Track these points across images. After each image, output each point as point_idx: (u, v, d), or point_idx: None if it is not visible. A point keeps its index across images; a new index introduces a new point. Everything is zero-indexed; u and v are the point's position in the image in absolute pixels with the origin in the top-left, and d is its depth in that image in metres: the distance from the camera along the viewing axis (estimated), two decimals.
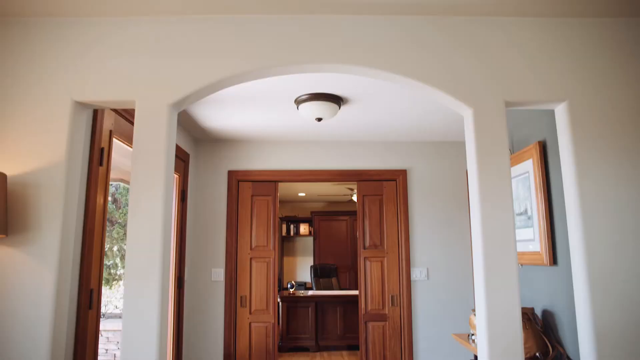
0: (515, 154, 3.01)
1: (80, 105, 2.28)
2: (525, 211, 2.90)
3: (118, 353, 4.24)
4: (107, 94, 2.25)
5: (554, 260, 2.59)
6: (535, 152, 2.75)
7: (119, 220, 5.42)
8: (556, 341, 2.55)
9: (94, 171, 2.58)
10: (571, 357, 2.42)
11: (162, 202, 2.15)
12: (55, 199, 2.13)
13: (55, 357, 2.08)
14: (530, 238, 2.83)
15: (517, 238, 2.92)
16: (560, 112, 2.28)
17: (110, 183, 4.44)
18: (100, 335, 3.45)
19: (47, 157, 2.17)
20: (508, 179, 2.18)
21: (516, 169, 3.00)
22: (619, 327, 2.09)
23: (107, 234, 5.16)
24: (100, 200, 2.68)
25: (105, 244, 2.81)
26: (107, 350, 4.26)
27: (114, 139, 2.89)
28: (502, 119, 2.23)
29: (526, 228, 2.89)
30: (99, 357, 2.93)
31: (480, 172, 2.19)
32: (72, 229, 2.24)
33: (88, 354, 2.56)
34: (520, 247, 2.91)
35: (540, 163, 2.70)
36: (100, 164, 2.67)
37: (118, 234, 5.41)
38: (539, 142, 2.72)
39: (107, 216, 3.13)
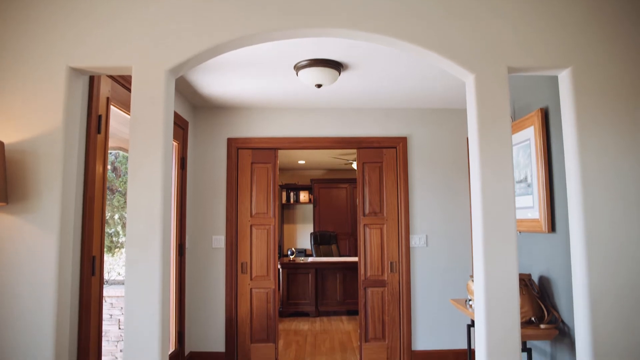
0: (517, 121, 2.99)
1: (75, 71, 2.24)
2: (525, 179, 2.90)
3: (122, 318, 4.33)
4: (103, 60, 2.21)
5: (552, 227, 2.61)
6: (537, 119, 2.73)
7: (119, 189, 5.43)
8: (551, 306, 2.60)
9: (92, 139, 2.57)
10: (565, 321, 2.47)
11: (161, 169, 2.14)
12: (54, 167, 2.12)
13: (60, 323, 2.12)
14: (529, 205, 2.84)
15: (517, 205, 2.93)
16: (564, 79, 2.25)
17: (110, 151, 4.43)
18: (104, 301, 3.51)
19: (44, 124, 2.15)
20: (509, 146, 2.17)
21: (517, 137, 2.98)
22: (613, 293, 2.12)
23: (107, 202, 5.18)
24: (99, 168, 2.67)
25: (106, 212, 2.82)
26: (111, 315, 4.34)
27: (112, 107, 2.86)
28: (504, 85, 2.20)
29: (526, 195, 2.89)
30: (103, 322, 2.99)
31: (481, 139, 2.17)
32: (72, 196, 2.25)
33: (92, 319, 2.61)
34: (519, 215, 2.93)
35: (542, 130, 2.68)
36: (98, 131, 2.65)
37: (119, 202, 5.43)
38: (541, 109, 2.69)
39: (107, 184, 3.13)
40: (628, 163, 2.16)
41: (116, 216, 5.45)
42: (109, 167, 5.08)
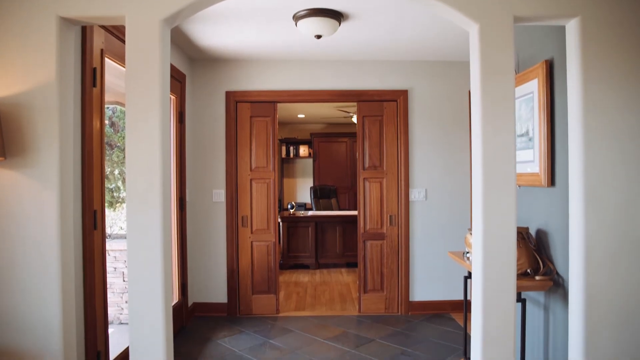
0: (520, 73, 2.93)
1: (66, 21, 2.17)
2: (527, 132, 2.88)
3: (126, 271, 4.42)
4: (94, 9, 2.13)
5: (552, 181, 2.61)
6: (541, 72, 2.67)
7: (118, 144, 5.40)
8: (547, 258, 2.64)
9: (87, 92, 2.52)
10: (560, 273, 2.51)
11: (159, 122, 2.11)
12: (50, 121, 2.09)
13: (65, 276, 2.16)
14: (529, 159, 2.83)
15: (517, 159, 2.92)
16: (571, 29, 2.18)
17: (107, 106, 4.36)
18: (107, 254, 3.56)
19: (37, 77, 2.10)
20: (512, 99, 2.14)
21: (520, 89, 2.93)
22: (608, 246, 2.15)
23: (107, 157, 5.16)
24: (96, 123, 2.64)
25: (106, 167, 2.82)
26: (115, 268, 4.42)
27: (106, 59, 2.79)
28: (509, 36, 2.14)
29: (526, 150, 2.88)
30: (107, 275, 3.05)
31: (483, 91, 2.13)
32: (69, 151, 2.23)
33: (97, 272, 2.66)
34: (519, 169, 2.92)
35: (546, 83, 2.63)
36: (94, 84, 2.60)
37: (118, 157, 5.41)
38: (546, 61, 2.63)
39: (106, 140, 3.10)
40: (633, 119, 2.13)
41: (116, 171, 5.45)
42: (106, 121, 5.02)
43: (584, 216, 2.13)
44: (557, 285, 2.56)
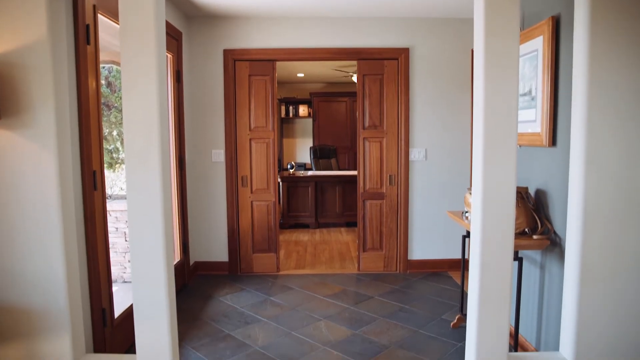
0: (525, 30, 2.85)
1: None
2: (529, 92, 2.83)
3: (128, 230, 4.46)
4: None
5: (553, 141, 2.59)
6: (547, 29, 2.60)
7: (116, 105, 5.33)
8: (545, 218, 2.66)
9: (81, 50, 2.46)
10: (558, 232, 2.54)
11: (155, 80, 2.07)
12: (44, 80, 2.06)
13: (67, 235, 2.18)
14: (531, 119, 2.80)
15: (518, 119, 2.89)
16: None
17: (102, 65, 4.28)
18: (108, 214, 3.59)
19: (27, 34, 2.05)
20: (516, 57, 2.09)
21: (524, 47, 2.86)
22: (606, 207, 2.15)
23: (104, 118, 5.11)
24: (92, 82, 2.60)
25: (104, 128, 2.79)
26: (117, 228, 4.47)
27: (100, 15, 2.71)
28: None
29: (528, 109, 2.84)
30: (109, 235, 3.08)
31: (486, 48, 2.08)
32: (66, 111, 2.20)
33: (98, 232, 2.68)
34: (520, 128, 2.89)
35: (551, 40, 2.56)
36: (87, 42, 2.54)
37: (116, 118, 5.36)
38: (553, 17, 2.56)
39: (103, 100, 3.06)
40: (639, 77, 2.09)
41: (114, 132, 5.41)
42: (102, 82, 4.95)
43: (584, 176, 2.13)
44: (554, 245, 2.59)
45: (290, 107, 9.90)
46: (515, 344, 2.75)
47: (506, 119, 2.10)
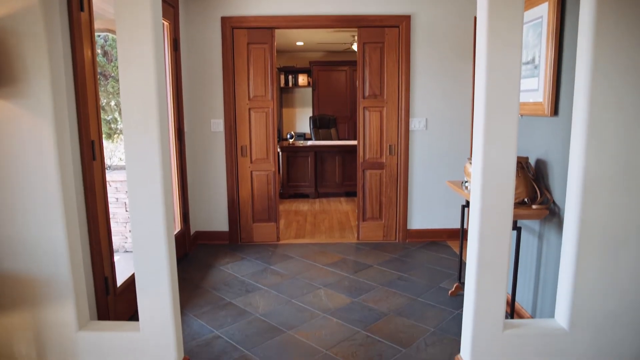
0: None
1: None
2: (533, 60, 2.79)
3: (128, 201, 4.48)
4: None
5: (555, 111, 2.56)
6: None
7: (112, 74, 5.25)
8: (545, 188, 2.66)
9: (75, 17, 2.41)
10: (557, 202, 2.54)
11: (152, 48, 2.04)
12: (38, 48, 2.01)
13: (67, 205, 2.18)
14: (533, 88, 2.77)
15: (521, 88, 2.85)
16: None
17: (98, 34, 4.19)
18: (108, 185, 3.59)
19: (18, 0, 1.99)
20: (520, 25, 2.04)
21: (528, 14, 2.80)
22: (607, 178, 2.15)
23: (101, 88, 5.04)
24: (87, 51, 2.55)
25: (102, 98, 2.76)
26: (117, 199, 4.48)
27: None
28: None
29: (531, 78, 2.80)
30: (110, 205, 3.08)
31: (490, 15, 2.03)
32: (61, 80, 2.17)
33: (99, 202, 2.69)
34: (522, 98, 2.86)
35: (557, 7, 2.50)
36: (81, 9, 2.48)
37: (113, 88, 5.29)
38: None
39: (100, 70, 3.01)
40: None
41: (112, 103, 5.35)
42: (98, 51, 4.86)
43: (585, 146, 2.12)
44: (552, 214, 2.60)
45: (290, 77, 9.78)
46: (512, 311, 2.80)
47: (508, 88, 2.08)
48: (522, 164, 2.65)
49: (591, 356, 2.31)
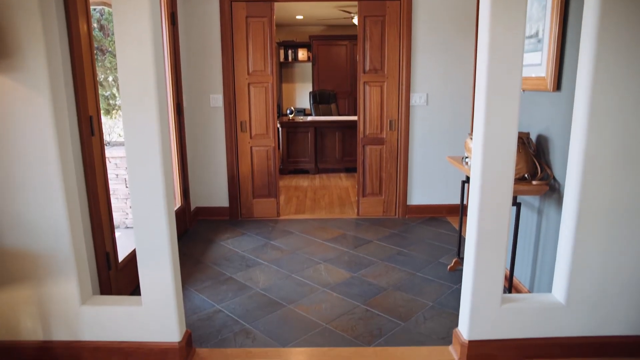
0: None
1: None
2: (536, 34, 2.74)
3: (128, 177, 4.48)
4: None
5: (558, 86, 2.54)
6: None
7: (109, 49, 5.18)
8: (546, 164, 2.65)
9: None
10: (557, 178, 2.54)
11: (149, 23, 2.00)
12: (31, 20, 1.97)
13: (67, 180, 2.18)
14: (537, 63, 2.73)
15: (524, 62, 2.82)
16: None
17: (93, 7, 4.12)
18: (108, 161, 3.58)
19: None
20: None
21: None
22: (608, 154, 2.14)
23: (99, 63, 4.98)
24: (83, 25, 2.50)
25: (99, 73, 2.73)
26: (117, 175, 4.47)
27: None
28: None
29: (534, 52, 2.76)
30: (110, 181, 3.08)
31: None
32: (57, 54, 2.13)
33: (98, 177, 2.68)
34: (525, 72, 2.83)
35: None
36: None
37: (111, 63, 5.22)
38: None
39: (96, 45, 2.96)
40: None
41: (110, 78, 5.29)
42: (94, 25, 4.78)
43: (587, 122, 2.10)
44: (552, 190, 2.60)
45: (289, 51, 9.65)
46: (510, 286, 2.83)
47: (511, 63, 2.05)
48: (523, 139, 2.64)
49: (587, 330, 2.34)
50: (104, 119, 5.14)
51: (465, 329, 2.35)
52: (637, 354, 2.36)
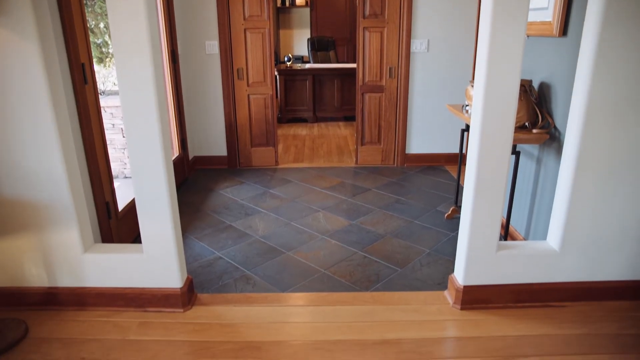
0: None
1: None
2: None
3: (124, 126, 4.43)
4: None
5: (564, 31, 2.46)
6: None
7: None
8: (547, 112, 2.62)
9: None
10: (558, 127, 2.52)
11: None
12: None
13: (62, 130, 2.15)
14: (543, 7, 2.63)
15: (529, 6, 2.72)
16: None
17: None
18: (103, 110, 3.53)
19: None
20: None
21: None
22: (611, 103, 2.10)
23: (89, 9, 4.79)
24: None
25: (90, 20, 2.61)
26: (113, 125, 4.42)
27: None
28: None
29: None
30: (106, 131, 3.05)
31: None
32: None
33: (94, 127, 2.65)
34: (530, 17, 2.74)
35: None
36: None
37: (101, 9, 5.02)
38: None
39: None
40: None
41: (101, 25, 5.11)
42: None
43: (592, 70, 2.05)
44: (552, 139, 2.59)
45: None
46: (506, 234, 2.87)
47: (516, 7, 1.97)
48: (525, 87, 2.59)
49: (580, 276, 2.40)
50: (97, 67, 5.01)
51: (460, 275, 2.40)
52: (627, 297, 2.43)
